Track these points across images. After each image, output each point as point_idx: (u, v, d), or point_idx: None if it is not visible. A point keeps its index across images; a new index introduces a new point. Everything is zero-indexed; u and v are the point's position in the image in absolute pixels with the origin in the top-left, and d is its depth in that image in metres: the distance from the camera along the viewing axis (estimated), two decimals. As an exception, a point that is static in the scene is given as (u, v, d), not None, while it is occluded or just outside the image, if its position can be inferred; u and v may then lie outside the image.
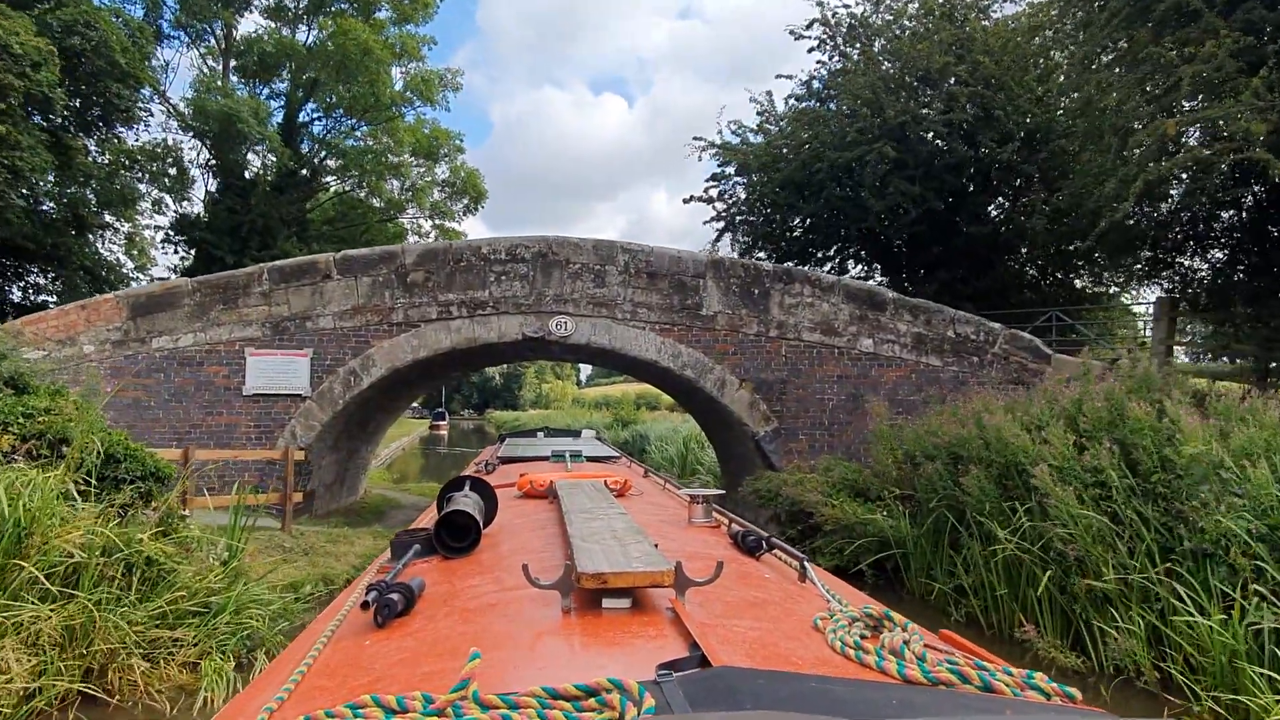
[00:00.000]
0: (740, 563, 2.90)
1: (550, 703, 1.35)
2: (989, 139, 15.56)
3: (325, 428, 12.41)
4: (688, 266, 12.86)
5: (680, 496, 5.20)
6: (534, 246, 12.77)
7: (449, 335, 12.56)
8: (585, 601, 2.04)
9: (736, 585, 2.45)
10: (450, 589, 2.53)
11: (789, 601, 2.40)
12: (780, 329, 12.77)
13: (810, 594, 2.56)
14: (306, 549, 9.87)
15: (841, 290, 12.83)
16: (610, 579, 2.01)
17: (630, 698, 1.30)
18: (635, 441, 37.39)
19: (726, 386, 12.71)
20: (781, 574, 2.86)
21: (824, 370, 12.74)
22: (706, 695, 1.36)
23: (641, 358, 12.72)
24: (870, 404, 12.54)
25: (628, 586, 2.02)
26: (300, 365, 12.22)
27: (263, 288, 12.26)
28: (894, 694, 1.49)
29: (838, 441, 12.63)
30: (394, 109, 26.01)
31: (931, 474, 9.44)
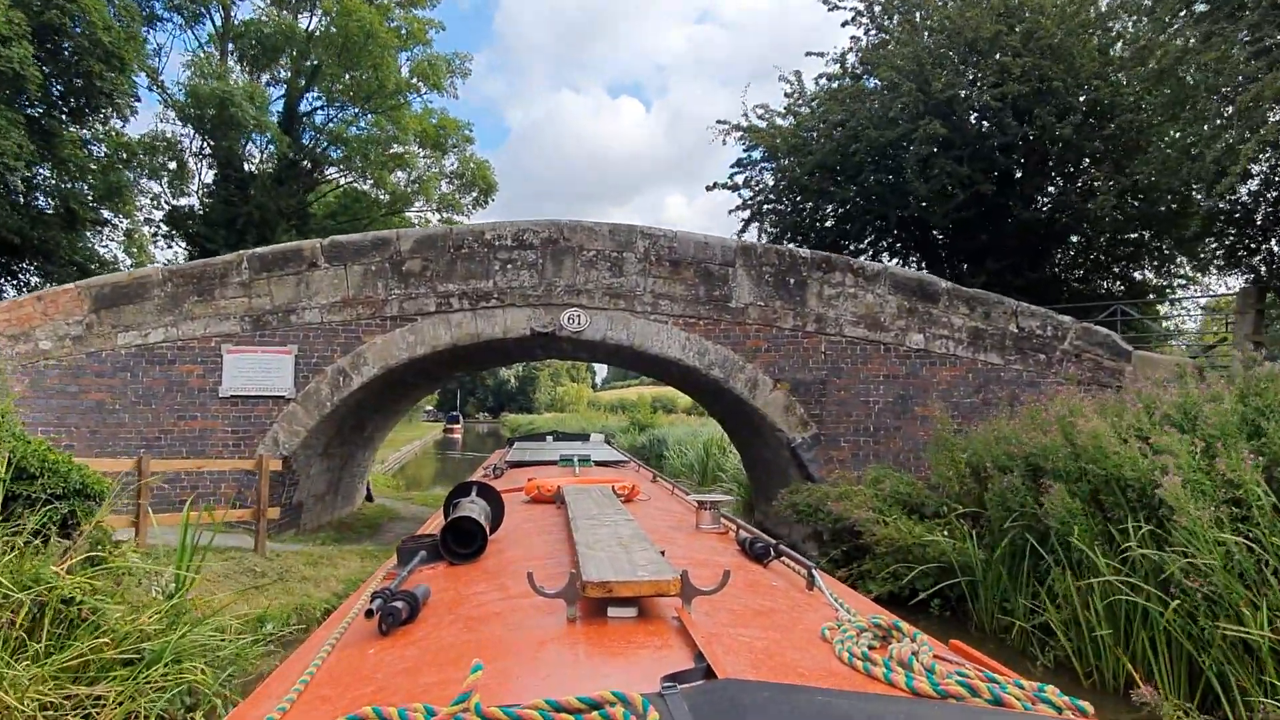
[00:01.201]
0: (748, 570, 2.89)
1: (553, 715, 1.36)
2: (1045, 113, 14.23)
3: (312, 433, 11.28)
4: (715, 253, 11.63)
5: (689, 502, 5.13)
6: (543, 231, 11.58)
7: (449, 330, 11.39)
8: (591, 610, 2.03)
9: (744, 594, 2.44)
10: (456, 596, 2.54)
11: (796, 610, 2.39)
12: (819, 323, 11.51)
13: (818, 602, 2.54)
14: (282, 573, 8.72)
15: (888, 279, 11.55)
16: (616, 588, 1.99)
17: (634, 711, 1.30)
18: (652, 446, 36.23)
19: (759, 387, 11.46)
20: (790, 582, 2.83)
21: (868, 369, 11.47)
22: (711, 708, 1.34)
23: (663, 355, 11.50)
24: (920, 407, 11.29)
25: (633, 595, 2.01)
26: (283, 364, 11.10)
27: (242, 277, 11.15)
28: (901, 707, 1.47)
29: (884, 449, 11.36)
30: (399, 97, 24.92)
31: (1005, 489, 8.15)
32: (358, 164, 24.57)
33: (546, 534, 3.59)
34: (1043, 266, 16.22)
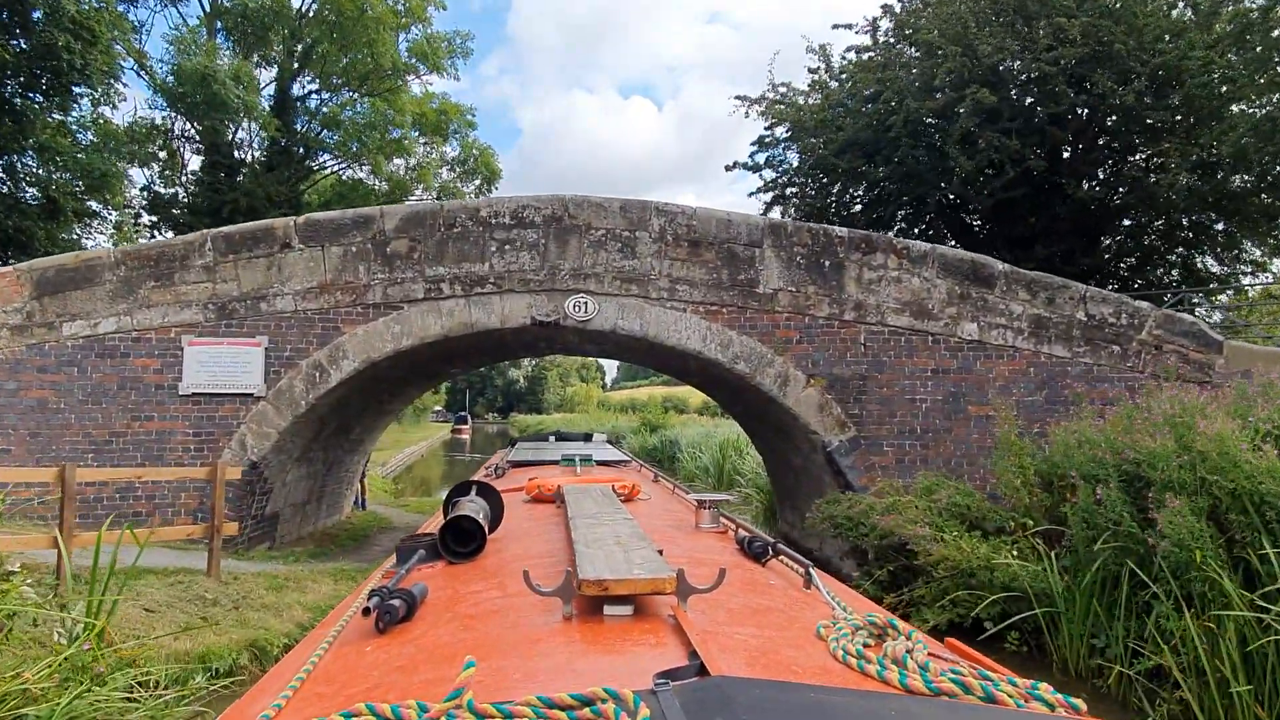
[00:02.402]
0: (745, 569, 2.91)
1: (545, 712, 1.36)
2: (1104, 80, 12.90)
3: (286, 435, 10.10)
4: (740, 232, 10.39)
5: (689, 501, 5.09)
6: (546, 208, 10.37)
7: (439, 319, 10.19)
8: (587, 608, 2.06)
9: (740, 592, 2.47)
10: (453, 595, 2.57)
11: (793, 609, 2.42)
12: (858, 310, 10.25)
13: (815, 601, 2.56)
14: (238, 600, 7.54)
15: (936, 261, 10.28)
16: (611, 586, 2.02)
17: (625, 708, 1.31)
18: (664, 448, 35.02)
19: (789, 384, 10.21)
20: (787, 580, 2.84)
21: (914, 363, 10.21)
22: (702, 706, 1.34)
23: (681, 347, 10.26)
24: (973, 406, 10.02)
25: (629, 594, 2.03)
26: (252, 357, 9.92)
27: (205, 260, 9.97)
28: (894, 704, 1.47)
29: (933, 454, 10.09)
30: (397, 79, 23.71)
31: (1093, 503, 6.89)
32: (353, 149, 23.39)
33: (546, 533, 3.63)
34: (1097, 252, 14.89)
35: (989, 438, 10.00)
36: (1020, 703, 1.58)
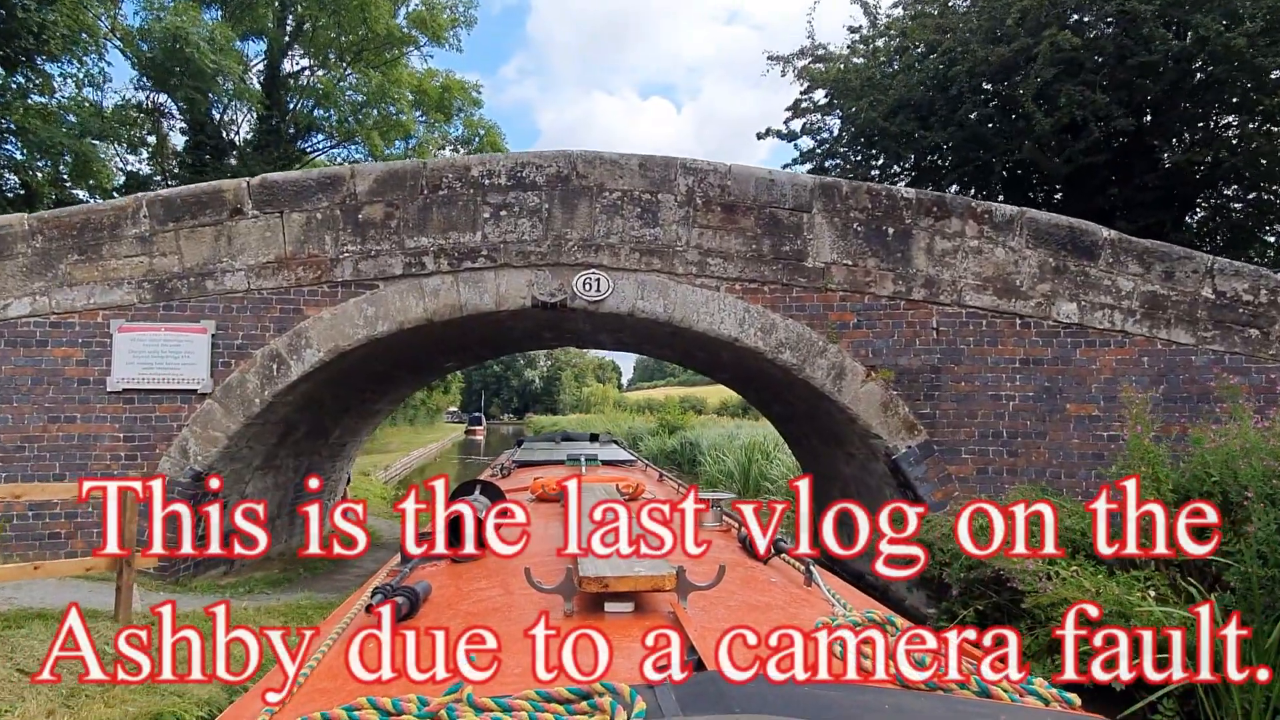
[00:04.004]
0: (747, 566, 2.96)
1: (542, 705, 1.39)
2: (1209, 21, 11.09)
3: (239, 440, 8.55)
4: (784, 194, 8.72)
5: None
6: (550, 166, 8.74)
7: (421, 300, 8.58)
8: (587, 605, 2.12)
9: (740, 589, 2.52)
10: (456, 592, 2.62)
11: (793, 605, 2.45)
12: (929, 288, 8.57)
13: (815, 598, 2.60)
14: (155, 653, 5.90)
15: (1025, 227, 8.57)
16: (612, 583, 2.07)
17: (621, 701, 1.34)
18: (684, 450, 33.36)
19: (846, 377, 8.53)
20: (788, 578, 2.88)
21: (999, 351, 8.52)
22: (698, 699, 1.37)
23: (714, 333, 8.61)
24: (1073, 405, 8.32)
25: (629, 591, 2.09)
26: (196, 346, 8.38)
27: (140, 229, 8.43)
28: (888, 698, 1.49)
29: (1023, 463, 8.39)
30: (395, 49, 22.12)
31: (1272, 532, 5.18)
32: (348, 126, 21.88)
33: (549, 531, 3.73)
34: (1186, 227, 13.08)
35: (1092, 442, 8.30)
36: (1014, 696, 1.60)
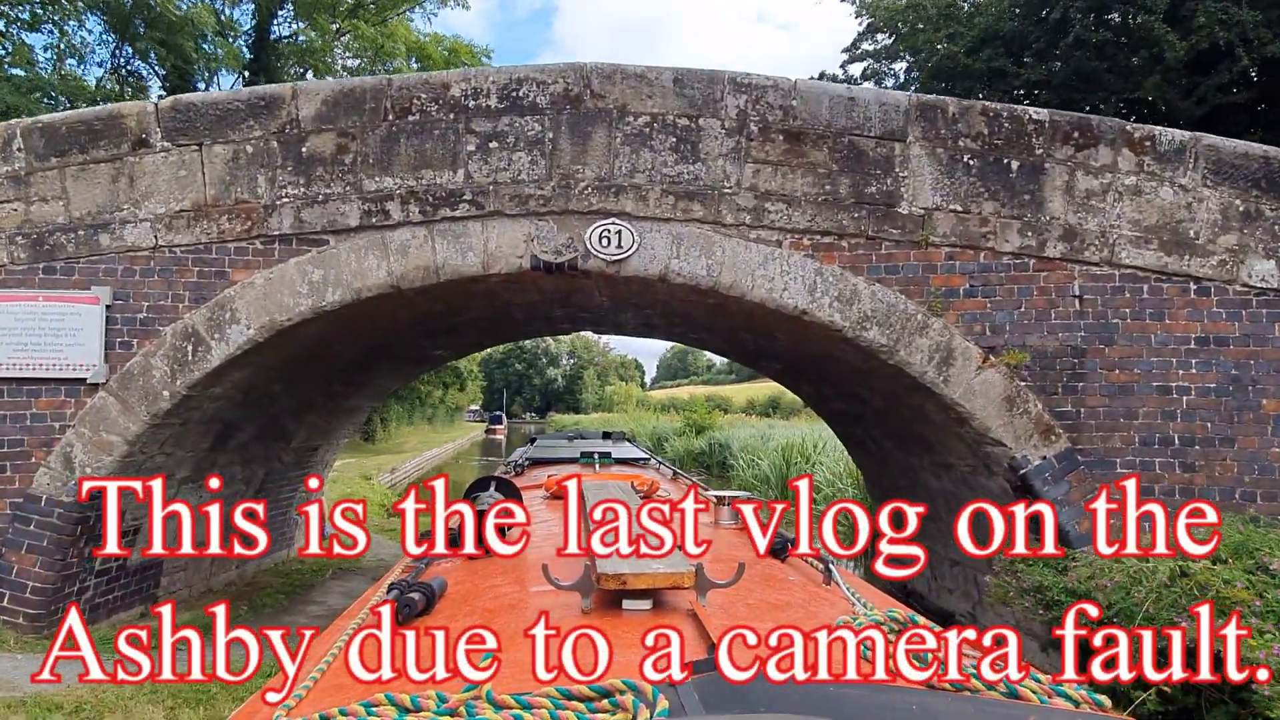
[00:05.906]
0: (765, 564, 2.94)
1: (564, 703, 1.38)
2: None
3: (145, 445, 6.56)
4: (869, 116, 6.58)
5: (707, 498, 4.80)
6: (555, 83, 6.65)
7: (385, 260, 6.53)
8: (605, 602, 2.10)
9: (759, 588, 2.50)
10: (472, 589, 2.60)
11: (812, 604, 2.45)
12: (1069, 241, 6.38)
13: (835, 596, 2.58)
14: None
15: (1203, 158, 6.37)
16: (630, 580, 2.06)
17: (644, 699, 1.33)
18: (713, 452, 31.23)
19: (955, 362, 6.37)
20: (807, 576, 2.87)
21: (1166, 327, 6.34)
22: (720, 698, 1.36)
23: (774, 303, 6.48)
24: (1271, 400, 6.10)
25: (648, 588, 2.07)
26: (85, 321, 6.40)
27: (13, 166, 6.46)
28: (913, 699, 1.47)
29: (1203, 479, 6.23)
30: (395, 7, 20.17)
31: None
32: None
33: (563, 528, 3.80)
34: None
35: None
36: (1044, 699, 1.56)
